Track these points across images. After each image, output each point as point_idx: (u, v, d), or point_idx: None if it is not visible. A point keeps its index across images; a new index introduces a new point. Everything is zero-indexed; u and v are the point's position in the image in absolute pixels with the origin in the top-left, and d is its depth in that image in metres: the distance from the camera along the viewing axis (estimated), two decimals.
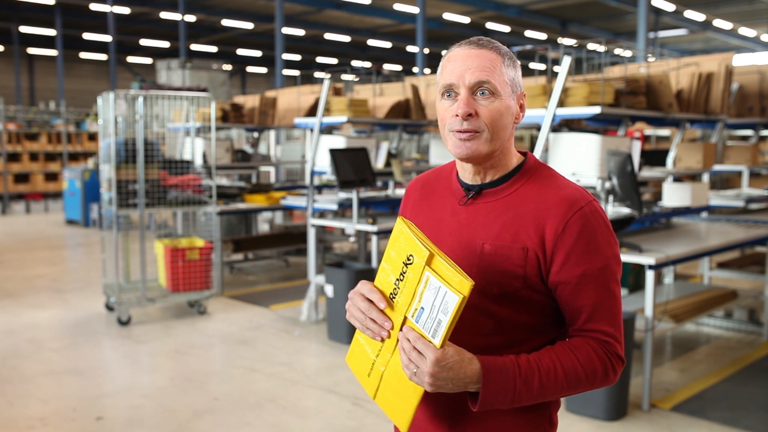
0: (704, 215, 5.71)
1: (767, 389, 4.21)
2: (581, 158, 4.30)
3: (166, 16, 22.71)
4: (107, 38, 23.43)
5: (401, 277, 1.22)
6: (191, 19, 23.53)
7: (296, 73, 19.73)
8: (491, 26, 24.15)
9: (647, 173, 5.05)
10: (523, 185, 1.33)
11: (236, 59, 32.03)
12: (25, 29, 25.04)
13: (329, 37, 26.66)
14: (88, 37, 26.57)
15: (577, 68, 4.95)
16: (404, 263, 1.22)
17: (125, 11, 22.36)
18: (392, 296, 1.24)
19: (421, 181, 1.51)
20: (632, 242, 4.11)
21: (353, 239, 6.60)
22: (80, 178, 11.95)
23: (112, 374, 4.54)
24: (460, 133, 1.28)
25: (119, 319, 5.58)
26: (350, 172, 5.23)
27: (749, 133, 8.59)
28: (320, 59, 31.85)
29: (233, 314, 6.01)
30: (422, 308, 1.18)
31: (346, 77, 10.93)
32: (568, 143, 4.40)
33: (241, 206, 7.01)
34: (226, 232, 8.11)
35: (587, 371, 1.26)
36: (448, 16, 22.28)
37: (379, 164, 6.49)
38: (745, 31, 24.01)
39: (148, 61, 31.55)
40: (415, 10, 19.48)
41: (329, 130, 6.65)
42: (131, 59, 31.57)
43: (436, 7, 20.97)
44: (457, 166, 1.41)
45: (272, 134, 10.67)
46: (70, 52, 28.59)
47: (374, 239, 5.32)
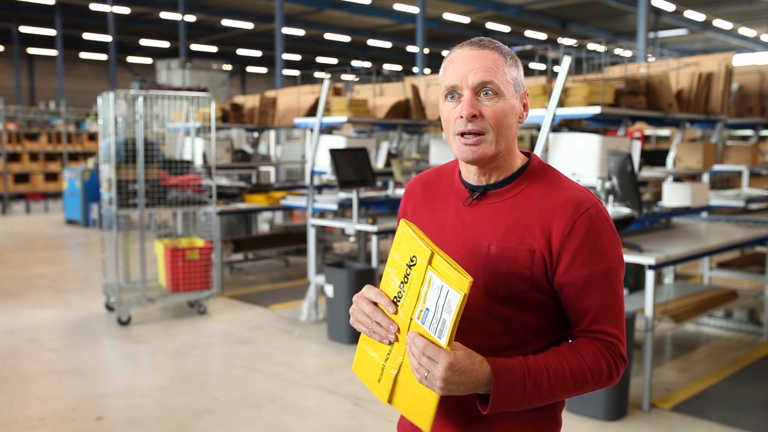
0: (704, 215, 5.71)
1: (767, 389, 4.22)
2: (581, 158, 4.29)
3: (166, 16, 22.71)
4: (107, 38, 23.44)
5: (405, 279, 1.22)
6: (191, 19, 23.54)
7: (296, 73, 19.74)
8: (491, 26, 24.16)
9: (647, 173, 5.05)
10: (527, 186, 1.33)
11: (236, 59, 32.04)
12: (25, 29, 25.05)
13: (329, 37, 26.67)
14: (88, 37, 26.58)
15: (577, 68, 4.95)
16: (408, 265, 1.21)
17: (125, 11, 22.37)
18: (397, 300, 1.23)
19: (422, 180, 1.49)
20: (632, 242, 4.11)
21: (353, 239, 6.60)
22: (80, 178, 11.94)
23: (112, 374, 4.54)
24: (465, 137, 1.27)
25: (119, 319, 5.58)
26: (350, 172, 5.23)
27: (749, 133, 8.60)
28: (320, 59, 31.86)
29: (233, 314, 6.01)
30: (427, 309, 1.18)
31: (346, 77, 10.93)
32: (568, 143, 4.40)
33: (241, 206, 7.00)
34: (226, 232, 8.11)
35: (593, 372, 1.26)
36: (448, 16, 22.28)
37: (379, 164, 6.49)
38: (745, 31, 24.02)
39: (148, 61, 31.55)
40: (415, 10, 19.48)
41: (329, 130, 6.66)
42: (131, 59, 31.58)
43: (436, 7, 20.98)
44: (460, 166, 1.40)
45: (272, 134, 10.67)
46: (70, 52, 28.60)
47: (374, 239, 5.32)
